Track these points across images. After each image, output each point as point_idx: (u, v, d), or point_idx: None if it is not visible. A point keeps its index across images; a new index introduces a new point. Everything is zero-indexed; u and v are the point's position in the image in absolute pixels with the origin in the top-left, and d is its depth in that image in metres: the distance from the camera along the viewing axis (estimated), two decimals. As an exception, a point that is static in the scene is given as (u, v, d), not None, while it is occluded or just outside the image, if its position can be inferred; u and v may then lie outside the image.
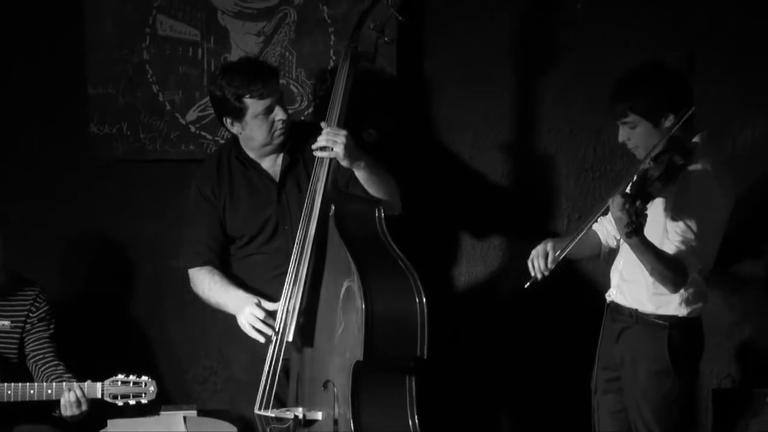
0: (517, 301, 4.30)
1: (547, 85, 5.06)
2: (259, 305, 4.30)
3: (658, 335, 4.27)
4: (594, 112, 5.08)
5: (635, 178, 4.08)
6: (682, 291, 4.22)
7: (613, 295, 4.43)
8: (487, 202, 5.13)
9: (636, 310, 4.32)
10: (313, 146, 4.27)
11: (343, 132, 4.22)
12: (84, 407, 4.42)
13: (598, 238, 4.54)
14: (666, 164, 4.04)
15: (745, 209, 4.78)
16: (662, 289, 4.22)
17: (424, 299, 4.05)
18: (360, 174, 4.29)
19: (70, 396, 4.40)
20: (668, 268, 4.11)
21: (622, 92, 4.25)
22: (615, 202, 3.97)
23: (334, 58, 4.97)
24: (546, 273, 4.22)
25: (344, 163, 4.23)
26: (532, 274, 4.24)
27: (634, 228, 3.93)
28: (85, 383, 4.45)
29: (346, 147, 4.20)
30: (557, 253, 4.22)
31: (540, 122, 5.09)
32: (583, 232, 4.26)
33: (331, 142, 4.22)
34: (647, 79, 4.24)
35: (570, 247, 4.22)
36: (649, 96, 4.20)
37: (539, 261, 4.24)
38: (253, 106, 4.35)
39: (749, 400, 4.84)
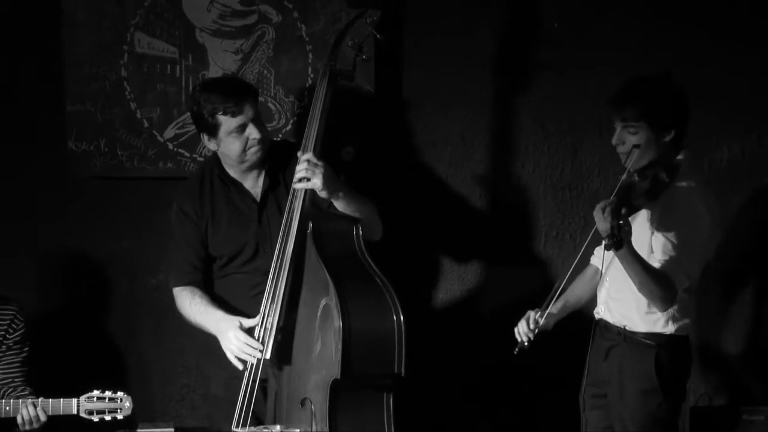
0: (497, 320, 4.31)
1: (524, 103, 5.07)
2: (241, 328, 4.29)
3: (646, 355, 4.26)
4: (571, 130, 5.10)
5: (619, 187, 4.06)
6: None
7: (601, 312, 4.42)
8: (464, 219, 5.13)
9: (624, 328, 4.31)
10: (294, 179, 4.26)
11: (321, 163, 4.21)
12: (42, 418, 4.40)
13: (593, 268, 4.51)
14: (652, 179, 4.05)
15: (723, 227, 4.81)
16: (650, 306, 4.22)
17: (402, 317, 4.04)
18: (338, 204, 4.28)
19: (30, 411, 4.38)
20: (657, 284, 4.10)
21: (637, 95, 4.20)
22: (598, 210, 3.96)
23: (312, 75, 4.97)
24: (531, 336, 4.23)
25: (323, 194, 4.23)
26: (518, 339, 4.25)
27: (615, 241, 3.91)
28: (60, 400, 4.42)
29: (325, 179, 4.20)
30: (537, 314, 4.25)
31: (517, 140, 5.10)
32: (558, 290, 4.28)
33: (310, 173, 4.21)
34: (660, 90, 4.22)
35: (550, 306, 4.26)
36: (661, 107, 4.19)
37: (522, 325, 4.25)
38: (226, 123, 4.34)
39: (728, 419, 4.82)
